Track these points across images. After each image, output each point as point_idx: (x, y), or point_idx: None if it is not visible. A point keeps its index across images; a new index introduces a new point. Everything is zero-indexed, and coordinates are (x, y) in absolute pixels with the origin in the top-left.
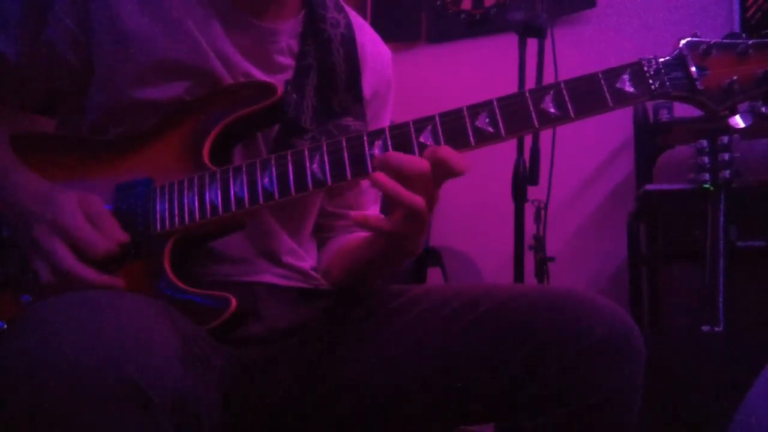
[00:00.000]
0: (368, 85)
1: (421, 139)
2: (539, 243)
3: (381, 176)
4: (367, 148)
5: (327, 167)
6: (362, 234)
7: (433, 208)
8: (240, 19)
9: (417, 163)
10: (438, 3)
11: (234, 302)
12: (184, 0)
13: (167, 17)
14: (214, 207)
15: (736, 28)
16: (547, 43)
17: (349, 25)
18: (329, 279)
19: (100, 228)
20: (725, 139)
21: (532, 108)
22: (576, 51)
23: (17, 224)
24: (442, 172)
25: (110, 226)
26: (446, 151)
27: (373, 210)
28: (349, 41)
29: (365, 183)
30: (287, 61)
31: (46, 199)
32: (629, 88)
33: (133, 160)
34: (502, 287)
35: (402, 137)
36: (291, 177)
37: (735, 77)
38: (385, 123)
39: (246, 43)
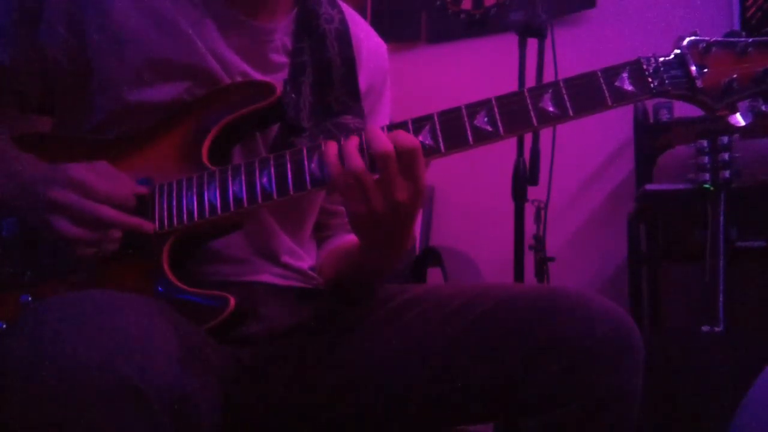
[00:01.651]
0: (364, 78)
1: (420, 138)
2: (539, 243)
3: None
4: (366, 148)
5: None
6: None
7: (419, 199)
8: (234, 18)
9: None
10: (438, 3)
11: (233, 302)
12: (177, 1)
13: (162, 18)
14: (212, 207)
15: (736, 28)
16: (547, 43)
17: (343, 20)
18: (323, 278)
19: (114, 181)
20: (725, 139)
21: (530, 107)
22: (576, 51)
23: (25, 200)
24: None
25: (123, 179)
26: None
27: None
28: (344, 36)
29: None
30: (282, 59)
31: (54, 168)
32: (628, 87)
33: (133, 160)
34: (501, 287)
35: None
36: (289, 176)
37: (735, 75)
38: (384, 116)
39: (241, 43)
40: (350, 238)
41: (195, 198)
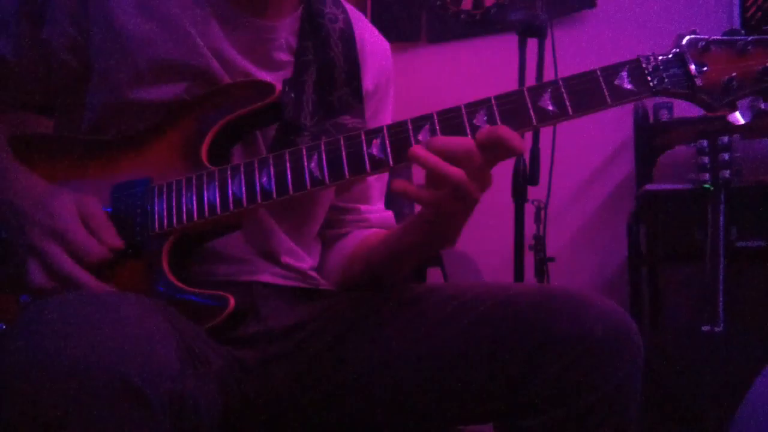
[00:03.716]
0: (369, 79)
1: (419, 137)
2: (539, 243)
3: (420, 150)
4: (365, 147)
5: (325, 166)
6: (381, 231)
7: (485, 190)
8: (238, 17)
9: (462, 141)
10: (438, 3)
11: (232, 301)
12: (181, 0)
13: (165, 18)
14: (212, 207)
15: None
16: (547, 43)
17: (347, 20)
18: (337, 278)
19: (96, 232)
20: (725, 139)
21: (530, 105)
22: (576, 51)
23: (13, 224)
24: (501, 152)
25: (106, 231)
26: (504, 131)
27: (378, 205)
28: (348, 36)
29: (371, 178)
30: (286, 57)
31: (43, 203)
32: (628, 85)
33: (132, 160)
34: (502, 286)
35: (400, 135)
36: (289, 176)
37: (734, 74)
38: (388, 116)
39: (244, 42)
40: (375, 232)
41: (194, 198)
